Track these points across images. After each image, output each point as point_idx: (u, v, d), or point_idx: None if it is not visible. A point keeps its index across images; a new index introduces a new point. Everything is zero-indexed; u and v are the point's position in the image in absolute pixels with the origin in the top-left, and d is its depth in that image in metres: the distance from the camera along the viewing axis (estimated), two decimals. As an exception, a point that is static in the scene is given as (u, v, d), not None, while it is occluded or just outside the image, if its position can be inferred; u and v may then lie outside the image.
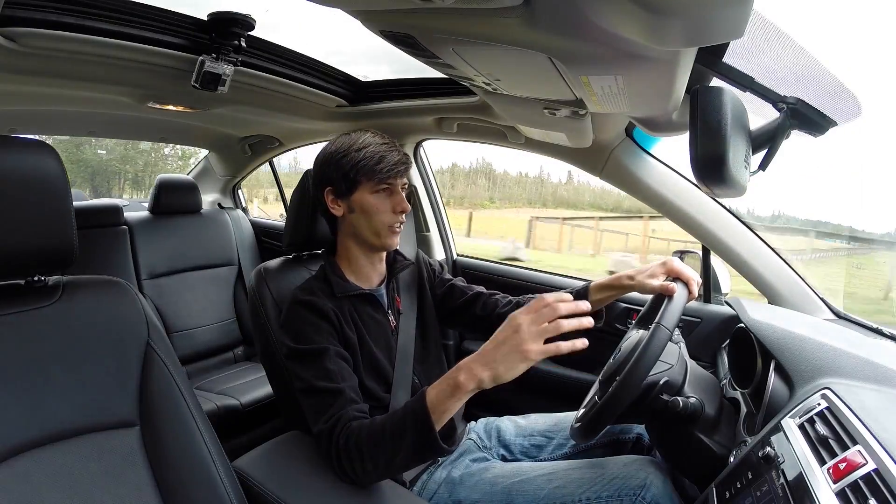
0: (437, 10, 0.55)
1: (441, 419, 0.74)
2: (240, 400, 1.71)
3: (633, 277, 1.00)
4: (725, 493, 0.72)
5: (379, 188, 0.93)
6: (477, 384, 0.71)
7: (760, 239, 1.23)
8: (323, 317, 0.90)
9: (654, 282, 0.96)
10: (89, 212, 1.97)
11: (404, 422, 0.75)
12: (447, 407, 0.73)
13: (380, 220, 0.94)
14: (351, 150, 0.93)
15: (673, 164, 1.30)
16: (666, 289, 0.90)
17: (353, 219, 0.96)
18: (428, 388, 0.76)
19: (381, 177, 0.92)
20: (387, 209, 0.94)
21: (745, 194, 0.71)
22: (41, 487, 0.67)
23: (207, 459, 0.80)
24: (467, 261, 1.92)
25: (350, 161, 0.93)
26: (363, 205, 0.94)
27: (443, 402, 0.73)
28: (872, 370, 0.77)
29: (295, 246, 1.16)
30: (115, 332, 0.79)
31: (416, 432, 0.74)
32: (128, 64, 1.12)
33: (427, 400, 0.74)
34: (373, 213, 0.94)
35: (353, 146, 0.93)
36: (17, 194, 0.68)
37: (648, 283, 0.97)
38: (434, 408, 0.74)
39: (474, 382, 0.71)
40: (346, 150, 0.94)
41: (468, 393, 0.72)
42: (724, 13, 0.46)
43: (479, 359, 0.72)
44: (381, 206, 0.94)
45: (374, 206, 0.94)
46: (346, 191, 0.95)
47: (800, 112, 0.69)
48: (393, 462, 0.77)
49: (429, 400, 0.74)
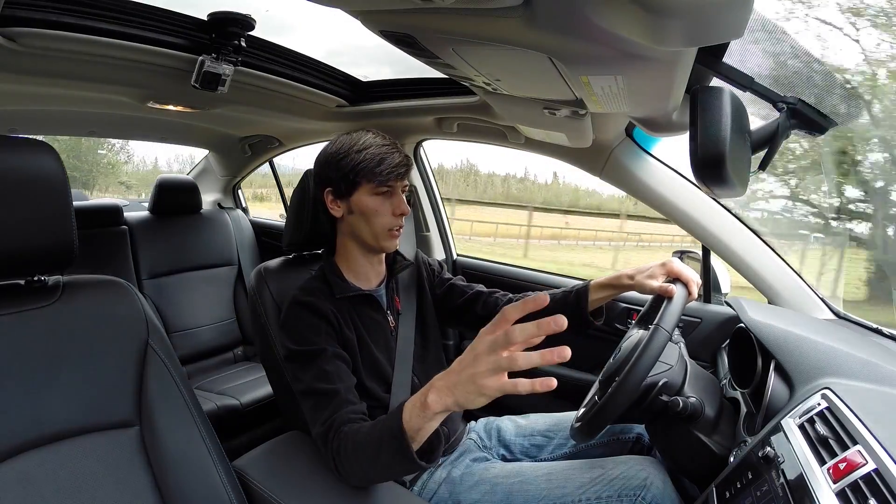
0: (437, 10, 0.55)
1: (417, 437, 0.69)
2: (240, 400, 1.71)
3: (633, 277, 0.99)
4: (725, 493, 0.72)
5: (379, 190, 0.93)
6: (444, 408, 0.65)
7: (760, 239, 1.23)
8: (322, 318, 0.90)
9: (654, 282, 0.95)
10: (89, 212, 1.97)
11: (381, 434, 0.72)
12: (421, 426, 0.68)
13: (379, 223, 0.94)
14: (351, 150, 0.93)
15: (673, 164, 1.30)
16: (665, 290, 0.90)
17: (353, 220, 0.96)
18: (406, 402, 0.71)
19: (381, 179, 0.91)
20: (386, 211, 0.94)
21: (744, 194, 0.71)
22: (41, 487, 0.67)
23: (207, 459, 0.80)
24: (467, 261, 1.92)
25: (350, 162, 0.92)
26: (362, 206, 0.93)
27: (415, 420, 0.68)
28: (872, 370, 0.77)
29: (295, 246, 1.16)
30: (115, 332, 0.79)
31: (394, 449, 0.70)
32: (128, 64, 1.12)
33: (403, 418, 0.69)
34: (372, 215, 0.93)
35: (354, 147, 0.93)
36: (17, 194, 0.68)
37: (648, 283, 0.96)
38: (409, 426, 0.69)
39: (441, 406, 0.65)
40: (346, 151, 0.93)
41: (438, 414, 0.66)
42: (724, 13, 0.46)
43: (446, 381, 0.64)
44: (381, 207, 0.93)
45: (373, 208, 0.93)
46: (346, 192, 0.94)
47: (800, 112, 0.69)
48: (376, 472, 0.77)
49: (404, 418, 0.69)
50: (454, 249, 1.96)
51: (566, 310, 1.00)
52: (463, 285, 1.15)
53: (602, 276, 1.06)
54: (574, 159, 1.43)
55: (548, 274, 1.71)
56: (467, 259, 1.93)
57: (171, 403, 0.80)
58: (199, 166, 2.61)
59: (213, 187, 2.59)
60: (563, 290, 1.07)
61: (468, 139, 1.64)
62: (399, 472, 0.79)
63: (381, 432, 0.73)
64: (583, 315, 1.03)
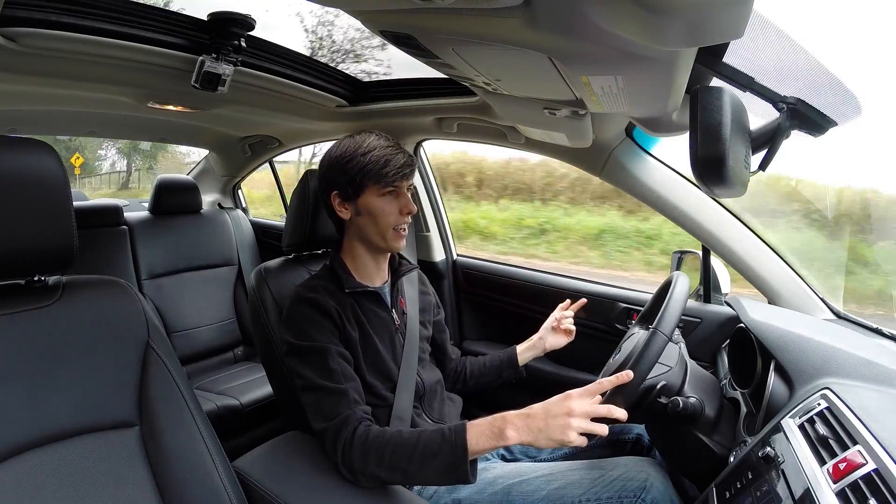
0: (437, 10, 0.55)
1: (473, 456, 0.77)
2: (240, 400, 1.71)
3: (542, 337, 1.17)
4: (725, 493, 0.72)
5: (385, 191, 0.94)
6: (519, 442, 0.76)
7: (760, 239, 1.23)
8: (325, 315, 0.90)
9: (554, 338, 1.16)
10: (89, 212, 1.97)
11: (440, 448, 0.77)
12: (483, 447, 0.76)
13: (386, 223, 0.95)
14: (357, 153, 0.93)
15: (673, 164, 1.30)
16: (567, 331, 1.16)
17: (360, 221, 0.96)
18: (468, 423, 0.79)
19: (387, 180, 0.92)
20: (393, 211, 0.95)
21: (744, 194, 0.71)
22: (41, 487, 0.67)
23: (207, 459, 0.80)
24: (467, 261, 1.92)
25: (356, 165, 0.92)
26: (370, 208, 0.94)
27: (482, 443, 0.76)
28: (872, 370, 0.77)
29: (295, 246, 1.16)
30: (115, 332, 0.79)
31: (449, 463, 0.76)
32: (128, 64, 1.12)
33: (467, 437, 0.77)
34: (379, 215, 0.94)
35: (359, 150, 0.93)
36: (17, 194, 0.68)
37: (549, 340, 1.17)
38: (472, 446, 0.76)
39: (517, 441, 0.75)
40: (351, 155, 0.93)
41: (508, 444, 0.76)
42: (724, 13, 0.46)
43: (529, 423, 0.75)
44: (388, 208, 0.94)
45: (380, 209, 0.94)
46: (353, 194, 0.94)
47: (800, 112, 0.69)
48: (408, 475, 0.79)
49: (469, 438, 0.77)
50: (454, 249, 1.96)
51: (503, 366, 1.19)
52: (445, 338, 1.20)
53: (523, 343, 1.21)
54: (574, 159, 1.43)
55: (547, 274, 1.72)
56: (467, 259, 1.93)
57: (171, 403, 0.80)
58: (199, 166, 2.61)
59: (213, 187, 2.59)
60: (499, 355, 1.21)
61: (468, 139, 1.64)
62: (435, 482, 0.84)
63: (438, 446, 0.78)
64: (516, 369, 1.20)
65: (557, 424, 0.72)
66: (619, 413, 0.74)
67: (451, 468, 0.76)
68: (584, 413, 0.73)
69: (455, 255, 1.95)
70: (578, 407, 0.73)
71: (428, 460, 0.77)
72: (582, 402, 0.74)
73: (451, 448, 0.77)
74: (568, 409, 0.73)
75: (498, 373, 1.19)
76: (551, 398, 0.76)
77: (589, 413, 0.73)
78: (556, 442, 0.73)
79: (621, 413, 0.74)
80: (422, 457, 0.78)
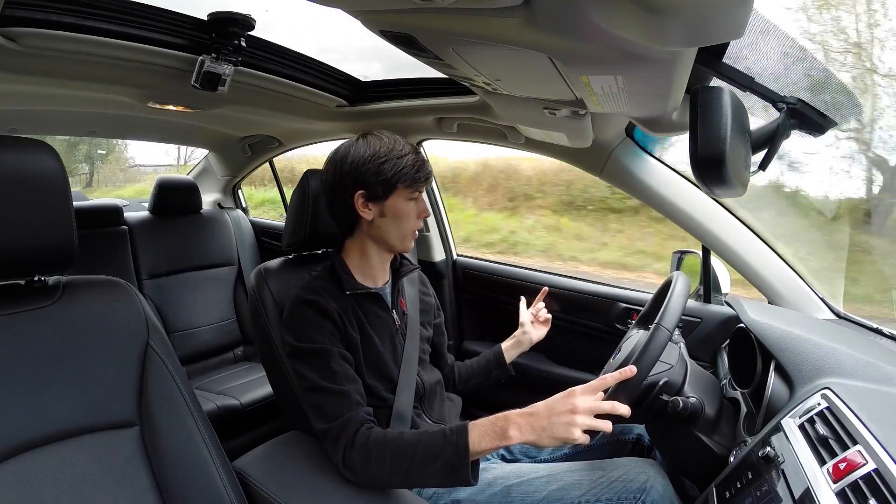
0: (437, 10, 0.55)
1: (475, 456, 0.77)
2: (240, 400, 1.71)
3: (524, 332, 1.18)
4: (725, 493, 0.72)
5: (412, 195, 0.95)
6: (521, 442, 0.76)
7: (760, 239, 1.23)
8: (326, 316, 0.90)
9: (534, 332, 1.18)
10: (89, 212, 1.97)
11: (442, 449, 0.77)
12: (486, 448, 0.76)
13: (408, 226, 0.96)
14: (392, 155, 0.92)
15: (673, 164, 1.30)
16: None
17: (382, 223, 0.95)
18: (470, 424, 0.78)
19: (418, 185, 0.94)
20: (413, 214, 0.96)
21: (744, 194, 0.71)
22: (41, 487, 0.67)
23: (207, 459, 0.80)
24: (467, 261, 1.92)
25: (392, 167, 0.92)
26: (396, 210, 0.94)
27: (484, 443, 0.76)
28: (872, 370, 0.77)
29: (295, 246, 1.16)
30: (114, 332, 0.79)
31: (450, 465, 0.76)
32: (128, 64, 1.12)
33: (469, 438, 0.77)
34: (403, 218, 0.95)
35: (394, 152, 0.93)
36: (17, 194, 0.68)
37: (529, 333, 1.18)
38: (474, 446, 0.76)
39: (520, 440, 0.75)
40: (385, 156, 0.92)
41: (511, 444, 0.76)
42: (724, 13, 0.46)
43: (533, 421, 0.75)
44: (412, 211, 0.96)
45: (406, 212, 0.95)
46: (382, 195, 0.93)
47: (800, 112, 0.69)
48: (410, 476, 0.79)
49: (471, 438, 0.76)
50: (454, 249, 1.96)
51: (490, 367, 1.20)
52: (443, 341, 1.19)
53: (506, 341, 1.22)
54: (574, 159, 1.43)
55: (547, 274, 1.72)
56: (467, 259, 1.93)
57: (171, 404, 0.80)
58: (199, 166, 2.61)
59: (214, 187, 2.59)
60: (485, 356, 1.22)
61: (468, 139, 1.64)
62: (437, 484, 0.84)
63: (440, 447, 0.78)
64: (503, 368, 1.20)
65: (562, 422, 0.72)
66: (622, 409, 0.74)
67: (452, 470, 0.76)
68: (588, 410, 0.73)
69: (455, 255, 1.95)
70: (582, 403, 0.73)
71: (429, 462, 0.77)
72: (586, 398, 0.74)
73: (452, 449, 0.77)
74: (572, 406, 0.73)
75: (486, 373, 1.19)
76: (554, 395, 0.76)
77: (593, 410, 0.73)
78: (559, 440, 0.73)
79: (625, 409, 0.74)
80: (423, 458, 0.78)
